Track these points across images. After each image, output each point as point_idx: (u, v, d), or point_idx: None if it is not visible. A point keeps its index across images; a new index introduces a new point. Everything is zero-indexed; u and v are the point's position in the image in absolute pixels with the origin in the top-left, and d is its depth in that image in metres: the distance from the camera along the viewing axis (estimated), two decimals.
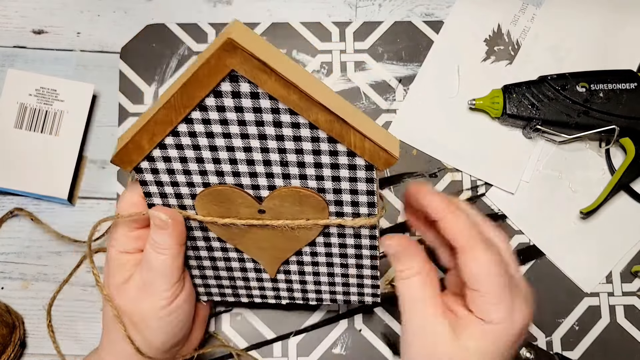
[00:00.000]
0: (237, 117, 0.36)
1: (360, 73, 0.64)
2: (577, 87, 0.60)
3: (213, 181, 0.40)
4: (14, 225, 0.61)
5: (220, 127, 0.36)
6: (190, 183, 0.40)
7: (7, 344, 0.56)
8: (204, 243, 0.45)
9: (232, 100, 0.35)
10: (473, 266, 0.39)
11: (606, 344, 0.60)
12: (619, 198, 0.62)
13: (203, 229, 0.44)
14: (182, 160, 0.39)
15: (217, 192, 0.40)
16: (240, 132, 0.36)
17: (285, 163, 0.38)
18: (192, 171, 0.39)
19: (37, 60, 0.64)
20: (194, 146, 0.38)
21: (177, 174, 0.40)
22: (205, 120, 0.36)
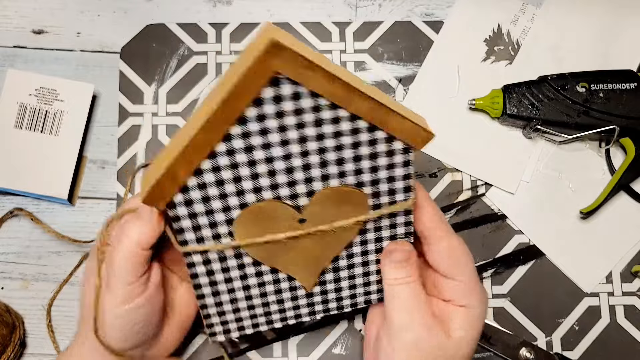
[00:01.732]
0: (277, 123, 0.34)
1: (360, 73, 0.64)
2: (577, 87, 0.60)
3: (250, 200, 0.37)
4: (14, 225, 0.61)
5: (260, 138, 0.34)
6: (226, 208, 0.37)
7: (7, 344, 0.56)
8: (238, 272, 0.42)
9: (273, 106, 0.33)
10: (451, 254, 0.40)
11: (606, 344, 0.60)
12: (619, 198, 0.62)
13: (237, 256, 0.41)
14: (218, 183, 0.36)
15: (256, 210, 0.38)
16: (280, 140, 0.35)
17: (324, 163, 0.37)
18: (228, 194, 0.37)
19: (37, 60, 0.64)
20: (232, 165, 0.35)
21: (213, 200, 0.37)
22: (245, 133, 0.34)
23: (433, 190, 0.62)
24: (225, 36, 0.64)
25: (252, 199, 0.38)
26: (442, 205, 0.62)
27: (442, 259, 0.41)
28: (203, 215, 0.38)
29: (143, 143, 0.62)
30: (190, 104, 0.63)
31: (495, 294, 0.61)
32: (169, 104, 0.63)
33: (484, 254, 0.61)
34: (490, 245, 0.61)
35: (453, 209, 0.62)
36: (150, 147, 0.62)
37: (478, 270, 0.61)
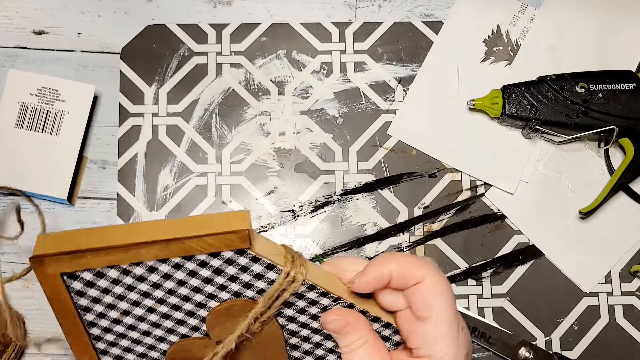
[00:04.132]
0: (111, 297, 0.36)
1: (360, 73, 0.64)
2: (576, 87, 0.60)
3: (164, 348, 0.40)
4: (14, 226, 0.61)
5: (115, 312, 0.37)
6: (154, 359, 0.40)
7: (8, 343, 0.56)
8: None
9: (93, 290, 0.35)
10: (427, 292, 0.35)
11: (605, 344, 0.60)
12: (618, 198, 0.62)
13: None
14: (128, 350, 0.39)
15: (174, 353, 0.40)
16: (130, 303, 0.37)
17: (186, 298, 0.37)
18: (144, 352, 0.39)
19: (38, 60, 0.64)
20: (120, 336, 0.38)
21: None
22: (100, 314, 0.37)
23: (433, 190, 0.62)
24: (226, 37, 0.65)
25: (165, 346, 0.39)
26: (441, 205, 0.62)
27: (417, 296, 0.36)
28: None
29: (143, 143, 0.62)
30: (190, 105, 0.63)
31: (494, 294, 0.61)
32: (169, 105, 0.63)
33: (484, 254, 0.61)
34: (489, 245, 0.61)
35: (452, 209, 0.62)
36: (151, 147, 0.62)
37: (478, 270, 0.61)
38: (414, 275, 0.35)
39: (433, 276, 0.35)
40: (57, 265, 0.34)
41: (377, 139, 0.63)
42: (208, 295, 0.37)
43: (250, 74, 0.64)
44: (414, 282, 0.35)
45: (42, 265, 0.34)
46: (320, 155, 0.63)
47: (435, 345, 0.35)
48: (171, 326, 0.38)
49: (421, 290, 0.35)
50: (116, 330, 0.38)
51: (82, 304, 0.36)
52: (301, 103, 0.64)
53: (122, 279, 0.35)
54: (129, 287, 0.36)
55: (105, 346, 0.38)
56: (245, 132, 0.63)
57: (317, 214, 0.62)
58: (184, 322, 0.38)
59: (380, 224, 0.62)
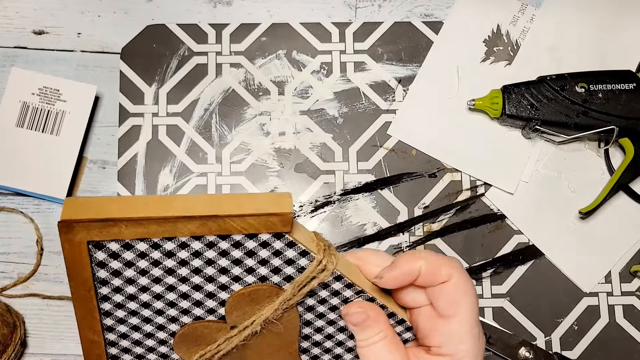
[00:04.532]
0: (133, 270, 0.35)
1: (360, 73, 0.64)
2: (576, 87, 0.60)
3: (175, 329, 0.38)
4: (14, 226, 0.61)
5: (132, 287, 0.35)
6: (162, 341, 0.39)
7: (8, 343, 0.56)
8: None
9: (116, 262, 0.34)
10: (453, 290, 0.35)
11: (605, 344, 0.60)
12: (618, 198, 0.62)
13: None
14: (135, 328, 0.38)
15: (185, 335, 0.39)
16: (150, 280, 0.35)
17: (210, 279, 0.36)
18: (151, 332, 0.38)
19: (38, 60, 0.64)
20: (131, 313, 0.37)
21: (143, 341, 0.39)
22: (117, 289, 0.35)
23: (433, 190, 0.62)
24: (226, 37, 0.65)
25: (175, 327, 0.38)
26: (441, 205, 0.62)
27: (443, 295, 0.36)
28: (147, 353, 0.39)
29: (143, 143, 0.62)
30: (190, 104, 0.63)
31: (494, 294, 0.61)
32: (169, 105, 0.63)
33: (484, 253, 0.61)
34: (489, 245, 0.61)
35: (452, 209, 0.62)
36: (151, 147, 0.62)
37: (478, 270, 0.61)
38: (441, 274, 0.35)
39: (460, 275, 0.35)
40: (87, 232, 0.32)
41: (377, 139, 0.63)
42: (233, 278, 0.36)
43: (250, 74, 0.64)
44: (441, 280, 0.35)
45: (71, 231, 0.32)
46: (320, 155, 0.63)
47: (460, 343, 0.35)
48: (187, 307, 0.37)
49: (448, 288, 0.35)
50: (128, 307, 0.36)
51: (101, 275, 0.34)
52: (301, 103, 0.64)
53: (149, 253, 0.34)
54: (154, 262, 0.34)
55: (112, 322, 0.37)
56: (245, 132, 0.63)
57: (317, 214, 0.62)
58: (202, 303, 0.37)
59: (380, 224, 0.62)
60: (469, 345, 0.35)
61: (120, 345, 0.38)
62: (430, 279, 0.35)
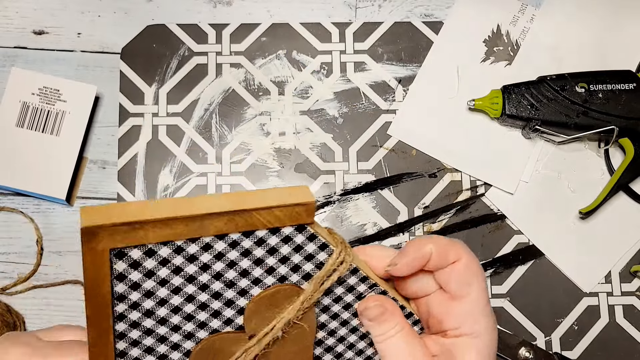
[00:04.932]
0: (153, 280, 0.33)
1: (360, 73, 0.64)
2: (576, 87, 0.60)
3: (190, 346, 0.37)
4: (14, 226, 0.61)
5: (150, 301, 0.34)
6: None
7: None
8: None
9: (136, 273, 0.33)
10: (466, 270, 0.36)
11: (605, 344, 0.60)
12: (618, 198, 0.62)
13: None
14: (148, 351, 0.36)
15: (201, 352, 0.37)
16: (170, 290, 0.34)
17: (231, 284, 0.35)
18: (165, 353, 0.37)
19: (38, 60, 0.64)
20: (146, 332, 0.35)
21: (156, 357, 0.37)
22: (134, 305, 0.34)
23: (433, 190, 0.62)
24: (226, 37, 0.65)
25: (191, 345, 0.37)
26: (441, 205, 0.62)
27: (454, 276, 0.36)
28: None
29: (143, 143, 0.62)
30: (190, 105, 0.63)
31: (494, 294, 0.61)
32: (169, 105, 0.63)
33: (484, 253, 0.61)
34: (489, 245, 0.62)
35: (452, 209, 0.62)
36: (151, 147, 0.62)
37: None
38: (451, 255, 0.36)
39: (468, 255, 0.36)
40: (111, 238, 0.31)
41: (377, 139, 0.63)
42: (253, 281, 0.36)
43: (250, 74, 0.64)
44: (451, 261, 0.36)
45: (95, 238, 0.30)
46: (320, 155, 0.63)
47: (477, 321, 0.36)
48: (204, 319, 0.36)
49: (458, 269, 0.36)
50: (144, 326, 0.35)
51: (119, 290, 0.33)
52: (301, 103, 0.64)
53: (171, 259, 0.33)
54: (176, 269, 0.33)
55: (125, 346, 0.35)
56: (245, 132, 0.63)
57: (317, 214, 0.62)
58: (220, 313, 0.36)
59: (380, 224, 0.62)
60: (485, 322, 0.36)
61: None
62: (440, 261, 0.36)
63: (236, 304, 0.36)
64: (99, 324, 0.34)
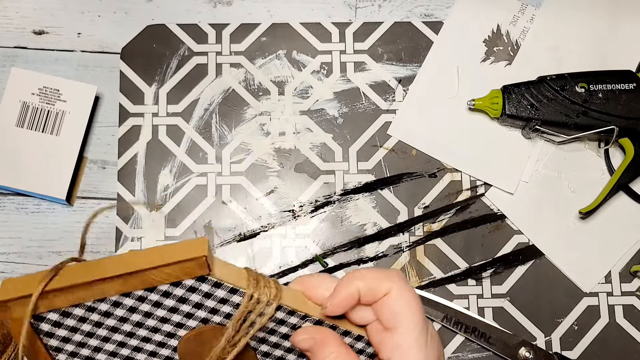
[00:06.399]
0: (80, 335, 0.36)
1: (360, 73, 0.64)
2: (576, 87, 0.60)
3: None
4: (14, 225, 0.61)
5: (86, 350, 0.36)
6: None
7: (8, 343, 0.56)
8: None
9: (60, 330, 0.35)
10: (394, 303, 0.36)
11: (605, 344, 0.60)
12: (618, 198, 0.62)
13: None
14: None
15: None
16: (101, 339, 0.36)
17: (155, 329, 0.37)
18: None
19: (38, 60, 0.64)
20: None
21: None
22: (72, 353, 0.36)
23: (433, 190, 0.62)
24: (226, 37, 0.65)
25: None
26: (441, 205, 0.62)
27: (384, 308, 0.36)
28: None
29: (143, 143, 0.62)
30: (190, 105, 0.63)
31: (494, 294, 0.61)
32: (169, 105, 0.63)
33: (484, 254, 0.61)
34: (489, 245, 0.62)
35: (452, 209, 0.62)
36: (151, 147, 0.62)
37: (478, 270, 0.61)
38: (380, 289, 0.36)
39: (399, 287, 0.36)
40: (22, 308, 0.33)
41: (377, 139, 0.63)
42: (176, 325, 0.37)
43: (250, 74, 0.64)
44: (381, 295, 0.36)
45: (7, 310, 0.34)
46: (320, 155, 0.63)
47: (405, 354, 0.36)
48: (144, 358, 0.38)
49: (388, 301, 0.36)
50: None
51: (53, 344, 0.36)
52: (301, 103, 0.64)
53: (88, 316, 0.35)
54: (96, 323, 0.35)
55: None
56: (245, 132, 0.63)
57: (317, 214, 0.62)
58: (157, 353, 0.38)
59: (380, 224, 0.62)
60: (415, 354, 0.35)
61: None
62: (371, 296, 0.36)
63: (169, 344, 0.38)
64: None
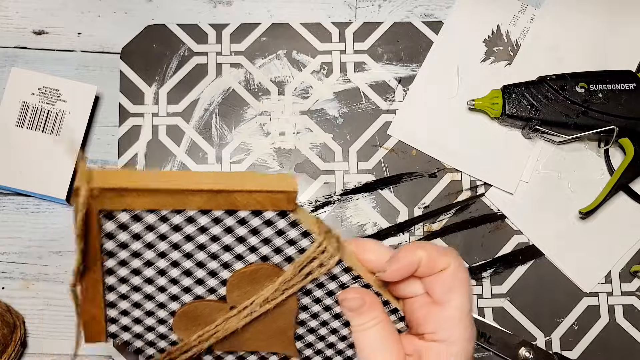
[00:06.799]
0: (140, 243, 0.35)
1: (360, 73, 0.64)
2: (576, 87, 0.60)
3: (175, 307, 0.39)
4: (14, 225, 0.61)
5: (137, 261, 0.36)
6: (160, 320, 0.39)
7: (7, 343, 0.56)
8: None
9: (124, 234, 0.35)
10: (450, 279, 0.37)
11: (605, 344, 0.60)
12: (618, 198, 0.62)
13: (208, 351, 0.41)
14: (136, 305, 0.38)
15: (184, 314, 0.39)
16: (156, 254, 0.36)
17: (214, 256, 0.37)
18: (153, 310, 0.38)
19: (38, 60, 0.64)
20: (134, 289, 0.37)
21: (143, 319, 0.39)
22: (122, 262, 0.36)
23: (433, 190, 0.62)
24: (226, 37, 0.65)
25: (176, 306, 0.39)
26: (441, 205, 0.62)
27: (440, 283, 0.37)
28: (146, 332, 0.39)
29: (143, 143, 0.62)
30: (190, 105, 0.63)
31: (494, 294, 0.61)
32: (169, 105, 0.63)
33: (484, 254, 0.61)
34: (489, 245, 0.62)
35: (452, 209, 0.62)
36: (151, 147, 0.62)
37: (478, 270, 0.61)
38: (439, 262, 0.36)
39: (457, 264, 0.37)
40: (100, 200, 0.33)
41: (377, 139, 0.63)
42: (236, 256, 0.37)
43: (250, 74, 0.64)
44: (439, 269, 0.36)
45: (85, 199, 0.32)
46: (320, 155, 0.63)
47: (453, 328, 0.37)
48: (189, 285, 0.38)
49: (445, 276, 0.36)
50: (132, 282, 0.37)
51: (108, 247, 0.35)
52: (301, 103, 0.64)
53: (157, 226, 0.34)
54: (161, 235, 0.35)
55: (115, 298, 0.37)
56: (245, 132, 0.63)
57: (317, 214, 0.62)
58: (203, 281, 0.38)
59: (380, 224, 0.62)
60: (461, 331, 0.36)
61: (120, 323, 0.38)
62: (429, 269, 0.36)
63: (219, 275, 0.38)
64: (90, 275, 0.36)
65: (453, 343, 0.37)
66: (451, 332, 0.36)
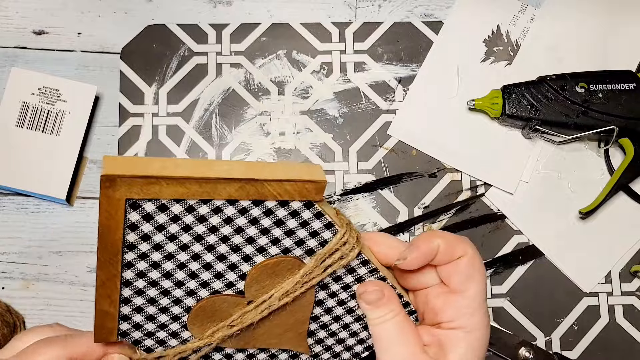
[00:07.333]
0: (163, 235, 0.35)
1: (360, 73, 0.64)
2: (576, 87, 0.60)
3: (191, 303, 0.38)
4: (14, 225, 0.61)
5: (158, 254, 0.35)
6: (174, 317, 0.39)
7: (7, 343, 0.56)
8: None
9: (148, 225, 0.34)
10: (467, 267, 0.37)
11: (605, 344, 0.60)
12: (618, 198, 0.62)
13: (218, 350, 0.41)
14: (151, 302, 0.37)
15: (201, 309, 0.39)
16: (177, 246, 0.35)
17: (236, 248, 0.36)
18: (167, 306, 0.38)
19: (38, 60, 0.64)
20: (151, 284, 0.37)
21: (157, 316, 0.38)
22: (142, 255, 0.35)
23: (433, 190, 0.62)
24: (226, 37, 0.65)
25: (192, 302, 0.38)
26: (441, 205, 0.62)
27: (457, 271, 0.37)
28: (157, 330, 0.39)
29: (143, 143, 0.62)
30: (190, 105, 0.63)
31: (494, 294, 0.61)
32: (169, 105, 0.63)
33: (484, 254, 0.61)
34: (489, 245, 0.62)
35: (452, 209, 0.62)
36: (151, 147, 0.62)
37: None
38: (457, 250, 0.37)
39: (473, 252, 0.38)
40: (128, 188, 0.32)
41: (377, 139, 0.63)
42: (258, 249, 0.37)
43: (250, 74, 0.64)
44: (456, 256, 0.37)
45: (113, 186, 0.32)
46: (320, 155, 0.63)
47: (471, 315, 0.37)
48: (207, 279, 0.37)
49: (462, 264, 0.37)
50: (149, 277, 0.36)
51: (130, 239, 0.34)
52: (301, 103, 0.64)
53: (182, 217, 0.34)
54: (185, 227, 0.35)
55: (130, 294, 0.36)
56: (245, 132, 0.63)
57: None
58: (222, 275, 0.37)
59: (380, 224, 0.62)
60: (480, 318, 0.37)
61: (133, 321, 0.38)
62: (447, 256, 0.37)
63: (239, 269, 0.37)
64: (108, 269, 0.35)
65: (472, 330, 0.37)
66: (470, 320, 0.37)
